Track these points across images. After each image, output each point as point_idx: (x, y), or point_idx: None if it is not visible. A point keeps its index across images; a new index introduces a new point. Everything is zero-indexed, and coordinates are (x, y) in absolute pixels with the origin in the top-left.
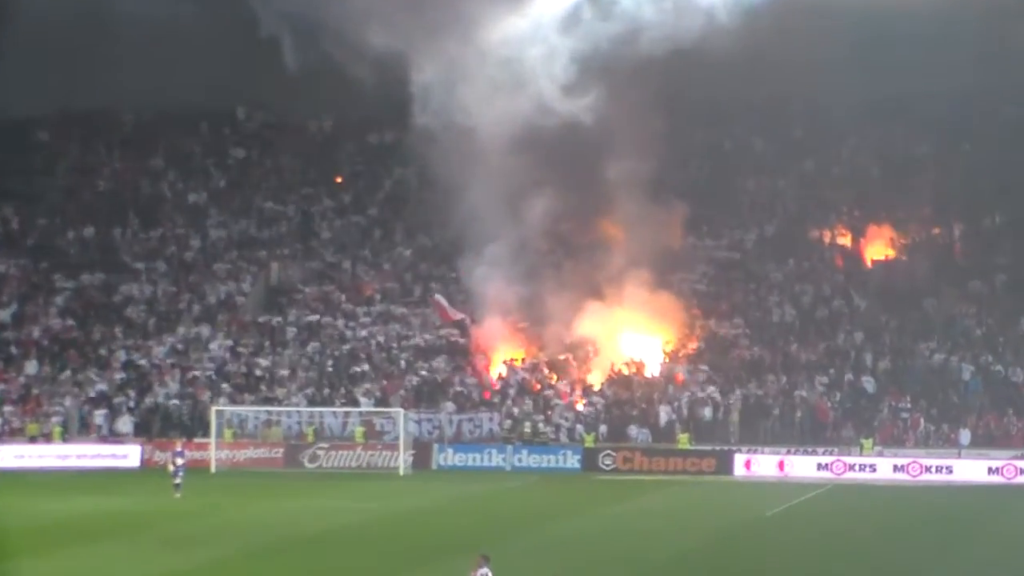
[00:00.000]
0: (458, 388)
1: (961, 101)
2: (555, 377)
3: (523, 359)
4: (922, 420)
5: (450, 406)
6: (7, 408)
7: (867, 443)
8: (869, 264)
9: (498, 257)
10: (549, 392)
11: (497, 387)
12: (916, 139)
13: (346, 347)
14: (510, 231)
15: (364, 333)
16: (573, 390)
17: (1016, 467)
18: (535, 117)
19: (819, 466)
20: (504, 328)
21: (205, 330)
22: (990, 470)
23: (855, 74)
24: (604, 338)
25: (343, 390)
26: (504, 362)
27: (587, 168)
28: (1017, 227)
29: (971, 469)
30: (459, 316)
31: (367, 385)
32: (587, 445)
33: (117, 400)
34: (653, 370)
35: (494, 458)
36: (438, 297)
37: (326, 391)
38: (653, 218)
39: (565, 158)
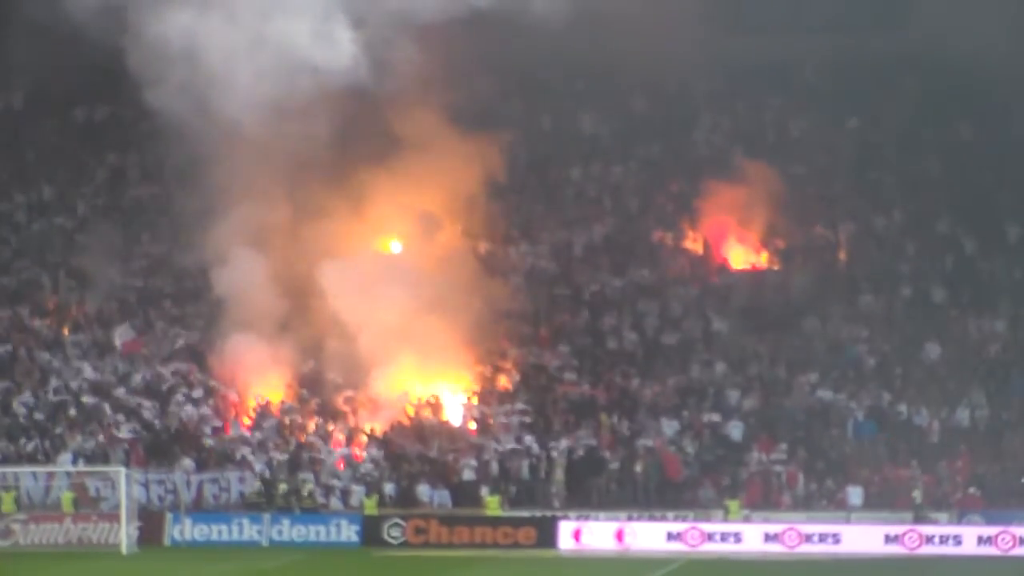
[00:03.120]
0: (202, 438)
1: (850, 68)
2: (327, 423)
3: (282, 399)
4: (801, 475)
5: (188, 463)
6: None
7: (732, 505)
8: (731, 275)
9: (250, 264)
10: (316, 442)
11: (248, 433)
12: (791, 115)
13: (49, 386)
14: (265, 231)
15: (73, 368)
16: (349, 439)
17: (920, 534)
18: (296, 89)
19: (669, 535)
20: (258, 357)
21: None
22: (888, 538)
23: (713, 35)
24: (387, 372)
25: (45, 443)
26: (259, 403)
27: (364, 153)
28: (921, 227)
29: (864, 537)
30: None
31: (77, 437)
32: (368, 512)
33: None
34: (452, 413)
35: (247, 530)
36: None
37: (23, 445)
38: (449, 217)
39: (337, 141)
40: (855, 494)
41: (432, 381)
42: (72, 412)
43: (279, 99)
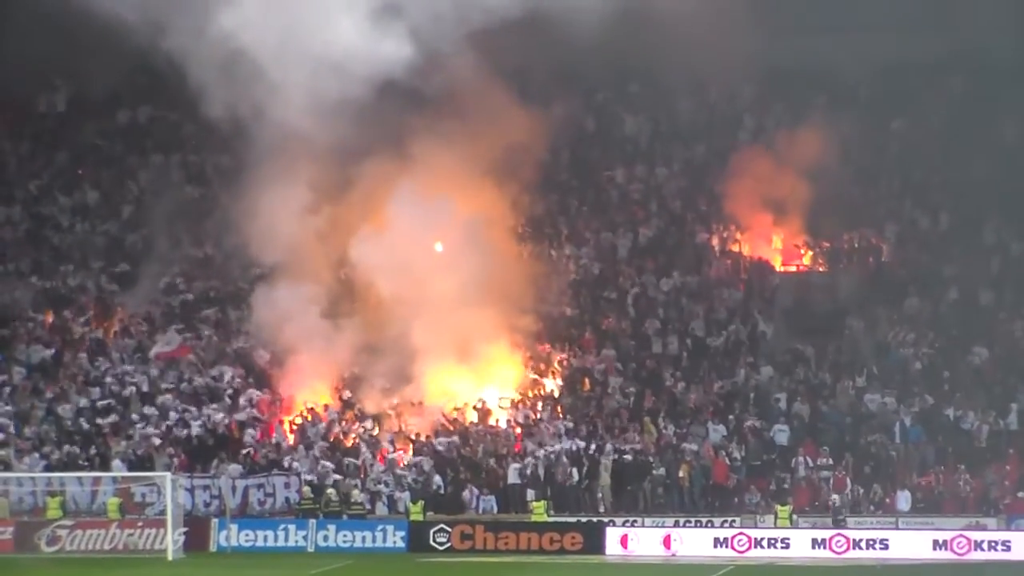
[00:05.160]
0: (247, 444)
1: (895, 69)
2: (376, 427)
3: (326, 405)
4: (848, 480)
5: (234, 469)
6: None
7: (781, 511)
8: (776, 277)
9: (296, 267)
10: (363, 447)
11: (293, 443)
12: (836, 117)
13: (94, 392)
14: (310, 232)
15: (117, 373)
16: (394, 444)
17: (969, 540)
18: (345, 91)
19: (716, 541)
20: (304, 362)
21: None
22: (936, 544)
23: (758, 37)
24: (432, 376)
25: (91, 449)
26: (306, 409)
27: (410, 153)
28: (967, 229)
29: (912, 543)
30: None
31: (123, 443)
32: (414, 518)
33: None
34: (498, 417)
35: (292, 536)
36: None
37: (68, 450)
38: (495, 219)
39: (382, 145)
40: (903, 499)
41: (477, 385)
42: (117, 417)
43: (327, 97)
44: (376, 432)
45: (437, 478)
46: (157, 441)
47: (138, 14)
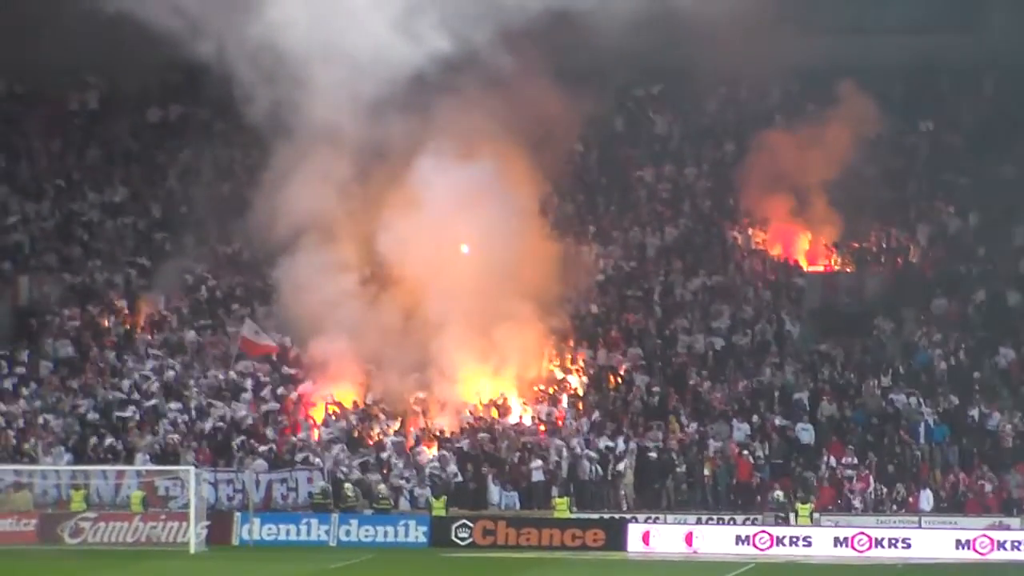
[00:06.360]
0: (271, 438)
1: (925, 70)
2: (397, 424)
3: (353, 402)
4: (872, 479)
5: (258, 463)
6: None
7: (802, 509)
8: (804, 277)
9: (325, 266)
10: (387, 443)
11: (317, 437)
12: (865, 117)
13: (120, 386)
14: (338, 229)
15: (143, 368)
16: (418, 441)
17: (992, 539)
18: (376, 87)
19: (738, 539)
20: (329, 357)
21: None
22: (959, 543)
23: (787, 37)
24: (457, 373)
25: (115, 443)
26: (332, 403)
27: (437, 149)
28: (995, 230)
29: (934, 542)
30: (270, 346)
31: (148, 436)
32: (436, 513)
33: None
34: (521, 414)
35: (315, 530)
36: (247, 327)
37: (92, 443)
38: (523, 218)
39: (411, 137)
40: (926, 499)
41: (502, 382)
42: (142, 411)
43: (360, 94)
44: (399, 427)
45: (458, 472)
46: (184, 435)
47: (174, 16)
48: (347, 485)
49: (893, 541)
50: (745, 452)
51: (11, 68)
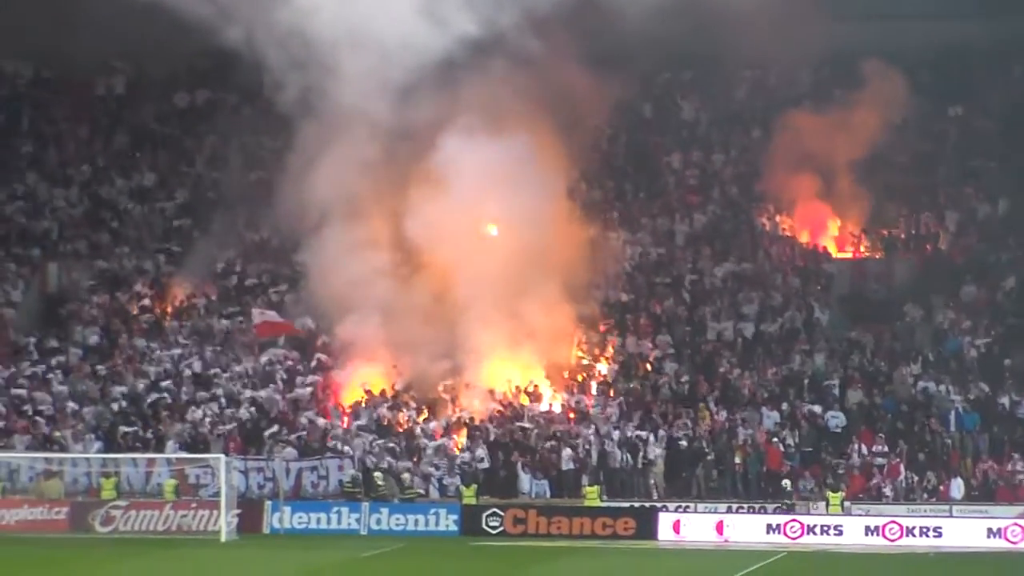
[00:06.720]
0: (302, 426)
1: (954, 55)
2: (425, 412)
3: (383, 390)
4: (903, 467)
5: (288, 451)
6: None
7: (833, 497)
8: (833, 264)
9: (353, 244)
10: (417, 431)
11: (347, 425)
12: (894, 102)
13: (153, 371)
14: (369, 218)
15: (172, 355)
16: (448, 429)
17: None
18: (404, 72)
19: (769, 528)
20: (362, 347)
21: None
22: (990, 532)
23: (817, 22)
24: (487, 360)
25: (147, 431)
26: (362, 390)
27: (464, 131)
28: None
29: (966, 531)
30: (284, 323)
31: (178, 424)
32: (467, 501)
33: None
34: (551, 402)
35: (345, 518)
36: (254, 315)
37: (122, 432)
38: (551, 200)
39: (438, 120)
40: (957, 487)
41: (532, 369)
42: (172, 399)
43: (388, 78)
44: (429, 416)
45: (484, 459)
46: (214, 423)
47: (203, 2)
48: (377, 474)
49: (924, 530)
50: (775, 440)
51: (39, 53)
